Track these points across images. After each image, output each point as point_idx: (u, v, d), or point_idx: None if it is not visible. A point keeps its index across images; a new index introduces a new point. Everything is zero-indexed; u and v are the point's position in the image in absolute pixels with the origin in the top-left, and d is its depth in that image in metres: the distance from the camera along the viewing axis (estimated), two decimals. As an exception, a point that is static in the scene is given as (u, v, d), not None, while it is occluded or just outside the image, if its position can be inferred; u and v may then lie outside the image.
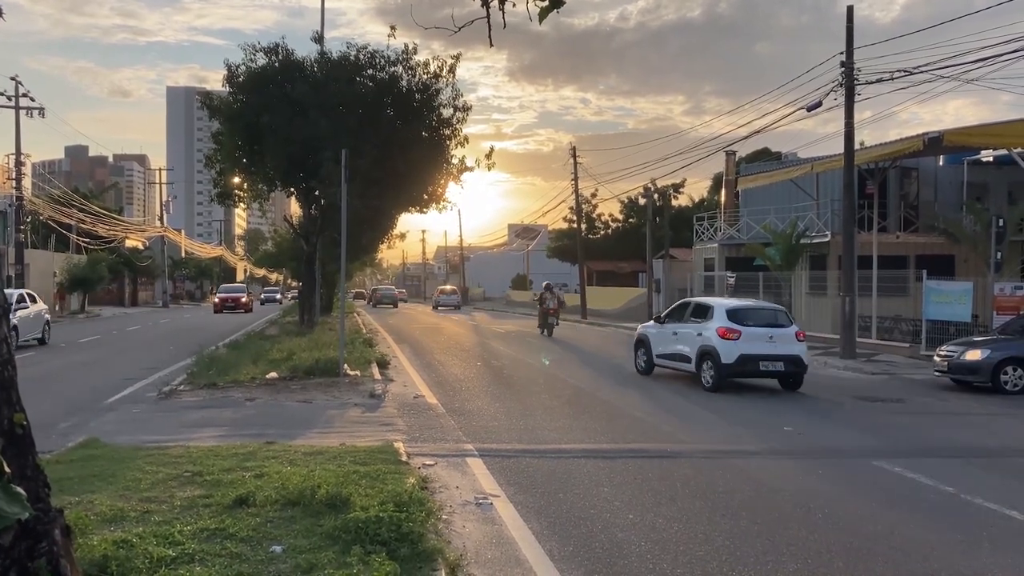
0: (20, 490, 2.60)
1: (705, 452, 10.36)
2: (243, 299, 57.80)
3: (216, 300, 58.18)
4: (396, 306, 68.80)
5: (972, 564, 6.33)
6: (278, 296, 75.07)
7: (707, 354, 16.39)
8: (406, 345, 26.95)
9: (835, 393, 16.41)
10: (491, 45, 3.77)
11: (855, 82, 22.30)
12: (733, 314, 16.72)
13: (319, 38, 25.61)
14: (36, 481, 3.13)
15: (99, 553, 5.20)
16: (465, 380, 17.61)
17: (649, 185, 46.62)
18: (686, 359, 17.18)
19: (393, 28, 23.62)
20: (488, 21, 3.72)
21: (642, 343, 19.20)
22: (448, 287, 72.46)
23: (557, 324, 32.45)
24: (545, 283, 35.63)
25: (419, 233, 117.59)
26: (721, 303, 17.88)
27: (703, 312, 17.39)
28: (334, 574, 5.14)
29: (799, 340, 16.62)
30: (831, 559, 6.34)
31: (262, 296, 76.03)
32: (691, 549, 6.51)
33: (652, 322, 19.94)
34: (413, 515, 6.31)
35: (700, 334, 16.78)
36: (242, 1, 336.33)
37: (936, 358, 17.74)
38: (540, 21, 3.69)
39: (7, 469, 2.61)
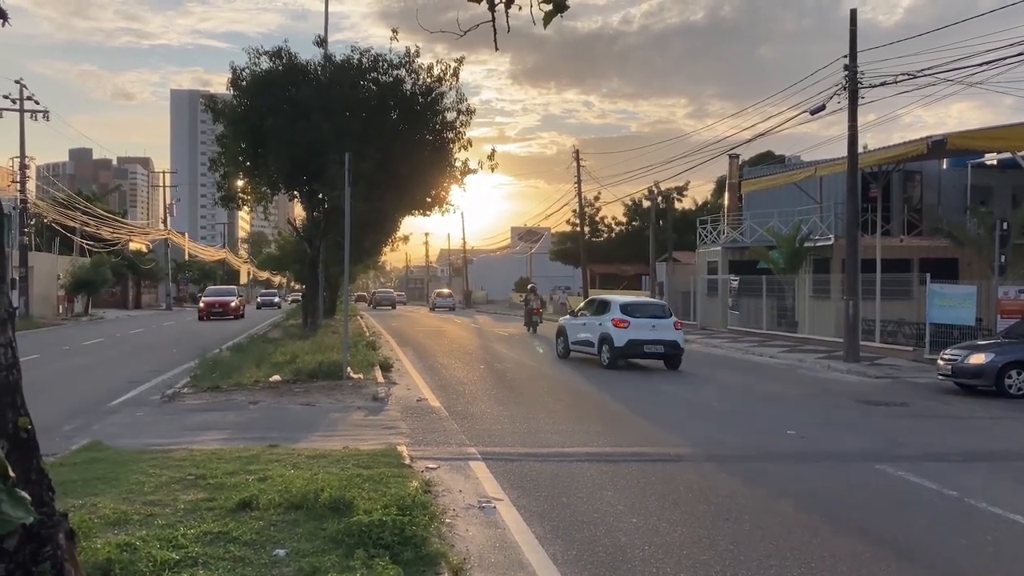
0: (25, 494, 2.60)
1: (708, 456, 10.34)
2: (232, 303, 50.28)
3: (201, 305, 50.55)
4: (394, 307, 73.96)
5: (977, 568, 6.31)
6: (276, 299, 68.40)
7: (604, 339, 20.78)
8: (409, 348, 26.95)
9: (838, 397, 16.40)
10: (496, 49, 3.77)
11: (859, 85, 22.28)
12: (625, 308, 21.05)
13: (322, 42, 25.63)
14: (40, 485, 3.13)
15: (103, 556, 5.21)
16: (468, 383, 17.61)
17: (653, 188, 46.64)
18: (591, 344, 21.52)
19: (395, 31, 23.65)
20: (493, 25, 3.73)
21: (561, 332, 23.41)
22: (445, 290, 77.48)
23: (540, 322, 35.99)
24: (529, 285, 41.01)
25: (422, 236, 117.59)
26: (616, 300, 22.32)
27: (604, 307, 21.59)
28: (337, 578, 5.14)
29: (676, 328, 20.98)
30: (835, 563, 6.32)
31: (258, 299, 68.35)
32: (694, 553, 6.50)
33: (569, 316, 24.47)
34: (416, 519, 6.31)
35: (600, 324, 21.07)
36: (246, 4, 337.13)
37: (940, 362, 17.69)
38: (545, 25, 3.70)
39: (11, 473, 2.61)
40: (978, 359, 16.69)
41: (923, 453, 10.87)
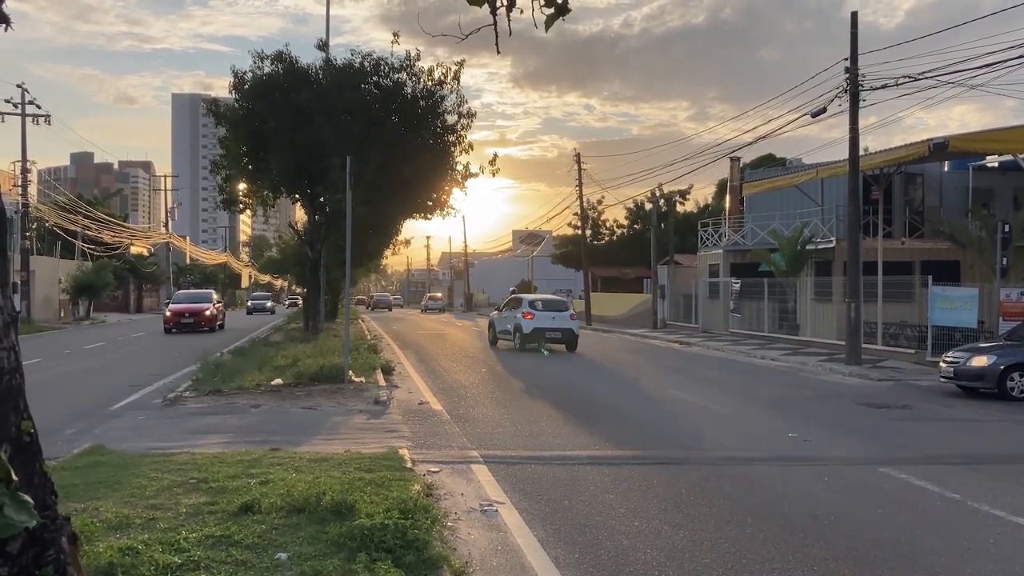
0: (28, 498, 2.60)
1: (710, 459, 10.34)
2: (207, 312, 38.40)
3: (167, 314, 38.49)
4: (391, 309, 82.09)
5: (978, 571, 6.30)
6: (269, 304, 60.63)
7: (517, 328, 27.06)
8: (410, 351, 26.96)
9: (840, 399, 16.39)
10: (498, 52, 3.77)
11: (860, 88, 22.28)
12: (532, 303, 27.66)
13: (323, 45, 25.67)
14: (43, 489, 3.13)
15: (105, 560, 5.21)
16: (470, 386, 17.61)
17: (655, 191, 46.64)
18: (509, 332, 27.80)
19: (396, 35, 23.68)
20: (495, 28, 3.73)
21: (491, 325, 30.37)
22: (437, 294, 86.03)
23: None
24: (511, 289, 49.37)
25: (423, 239, 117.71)
26: (527, 297, 29.44)
27: (518, 303, 28.32)
28: (339, 581, 5.14)
29: (571, 319, 27.38)
30: (837, 566, 6.32)
31: (248, 303, 59.80)
32: (697, 556, 6.49)
33: (496, 311, 31.18)
34: (418, 522, 6.31)
35: (515, 316, 27.38)
36: (247, 8, 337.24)
37: (942, 364, 17.67)
38: (547, 29, 3.70)
39: (14, 477, 2.61)
40: (980, 361, 16.67)
41: (925, 456, 10.86)
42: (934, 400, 16.50)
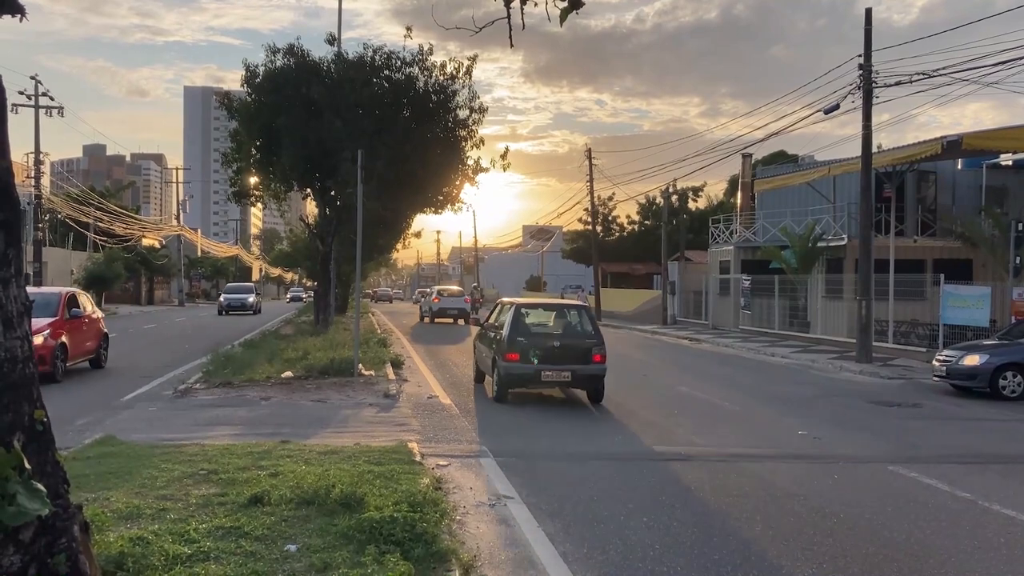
0: (40, 486, 2.62)
1: (719, 456, 10.32)
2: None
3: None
4: (391, 302, 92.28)
5: (989, 570, 6.28)
6: (251, 300, 59.75)
7: (429, 306, 43.04)
8: (420, 345, 26.99)
9: (850, 397, 16.33)
10: (512, 46, 3.77)
11: (873, 85, 22.17)
12: (439, 292, 43.54)
13: (334, 39, 25.66)
14: (55, 477, 3.15)
15: (116, 550, 5.23)
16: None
17: (668, 187, 46.50)
18: (426, 310, 43.32)
19: (409, 29, 23.64)
20: (508, 22, 3.72)
21: (421, 309, 44.71)
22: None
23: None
24: (473, 284, 59.83)
25: (434, 233, 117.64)
26: (436, 288, 43.09)
27: (431, 292, 43.44)
28: (348, 573, 5.15)
29: (465, 301, 42.33)
30: (847, 564, 6.30)
31: (222, 299, 58.93)
32: (706, 552, 6.48)
33: (423, 299, 44.49)
34: (427, 515, 6.32)
35: (427, 299, 42.95)
36: (259, 1, 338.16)
37: (935, 363, 17.65)
38: (561, 23, 3.69)
39: (28, 465, 2.62)
40: (972, 360, 16.63)
41: (936, 455, 10.82)
42: (945, 399, 16.42)
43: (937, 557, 6.55)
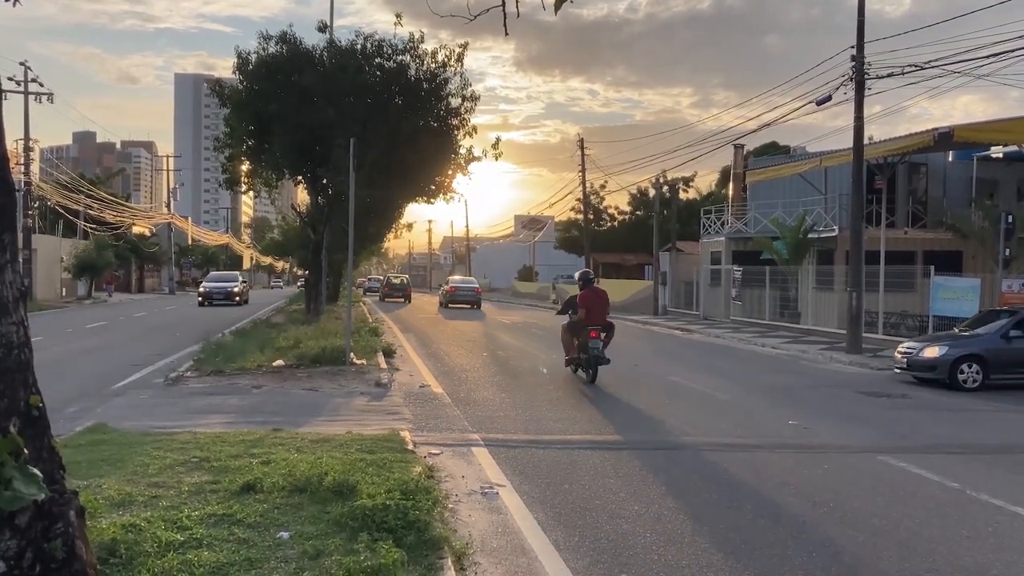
0: (37, 471, 2.62)
1: (710, 445, 10.37)
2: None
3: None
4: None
5: (977, 559, 6.33)
6: (237, 288, 47.94)
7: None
8: (412, 335, 27.00)
9: (840, 388, 16.41)
10: (506, 34, 3.77)
11: (865, 76, 22.20)
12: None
13: (326, 27, 25.52)
14: (51, 463, 3.15)
15: (108, 536, 5.23)
16: (471, 370, 17.64)
17: (658, 177, 46.52)
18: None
19: (399, 16, 23.57)
20: (503, 9, 3.72)
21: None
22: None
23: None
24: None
25: (426, 223, 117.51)
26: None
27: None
28: (341, 560, 5.17)
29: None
30: (837, 553, 6.35)
31: (203, 288, 47.55)
32: (696, 540, 6.52)
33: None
34: (419, 503, 6.34)
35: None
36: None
37: (896, 354, 17.85)
38: (556, 11, 3.69)
39: (24, 450, 2.63)
40: (932, 352, 16.83)
41: (925, 445, 10.89)
42: (934, 390, 16.51)
43: (926, 546, 6.60)
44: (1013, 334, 16.71)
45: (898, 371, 17.79)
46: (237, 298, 46.89)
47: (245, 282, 50.45)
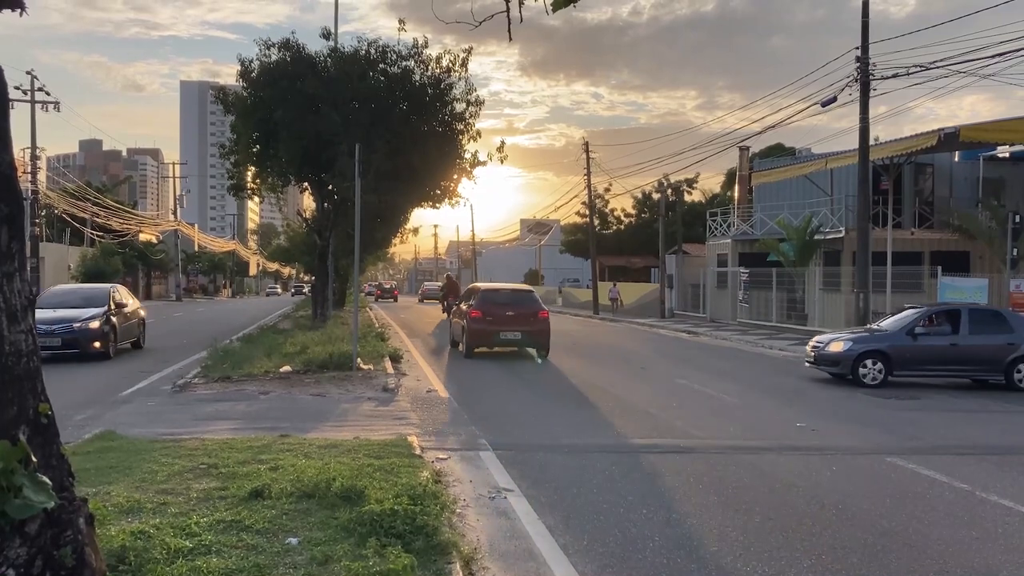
0: (46, 479, 2.63)
1: (718, 448, 10.35)
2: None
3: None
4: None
5: (987, 561, 6.31)
6: (87, 322, 19.91)
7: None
8: (418, 340, 27.02)
9: (848, 389, 16.36)
10: (510, 39, 3.77)
11: (870, 77, 22.19)
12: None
13: (329, 34, 25.54)
14: (60, 470, 3.16)
15: (117, 544, 5.24)
16: (477, 374, 17.63)
17: (662, 180, 46.52)
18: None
19: (403, 22, 23.62)
20: (507, 15, 3.73)
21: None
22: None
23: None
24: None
25: (431, 228, 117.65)
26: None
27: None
28: (350, 566, 5.17)
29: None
30: (845, 555, 6.33)
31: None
32: (705, 544, 6.51)
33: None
34: (428, 508, 6.33)
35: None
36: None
37: (808, 348, 17.97)
38: (554, 10, 3.68)
39: (33, 458, 2.63)
40: (836, 347, 16.98)
41: (933, 446, 10.86)
42: (942, 391, 16.47)
43: (935, 548, 6.58)
44: (919, 331, 16.78)
45: (808, 365, 17.93)
46: (96, 342, 19.72)
47: (125, 304, 21.84)
